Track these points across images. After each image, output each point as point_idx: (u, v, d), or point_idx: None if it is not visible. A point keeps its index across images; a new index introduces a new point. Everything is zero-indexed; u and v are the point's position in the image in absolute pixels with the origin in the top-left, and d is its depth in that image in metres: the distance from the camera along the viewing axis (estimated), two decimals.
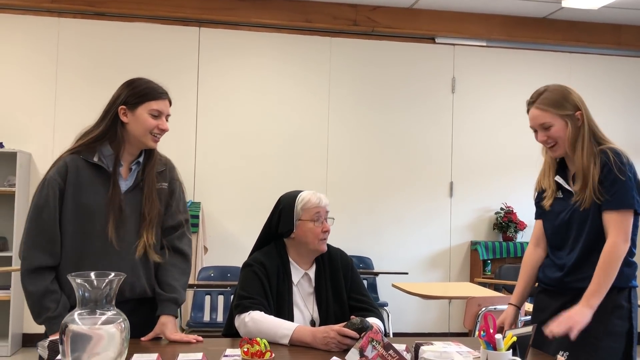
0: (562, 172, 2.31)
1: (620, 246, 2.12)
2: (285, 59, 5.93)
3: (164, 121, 2.16)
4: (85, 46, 5.59)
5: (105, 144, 2.11)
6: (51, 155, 5.43)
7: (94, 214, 2.08)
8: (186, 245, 2.27)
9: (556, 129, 2.20)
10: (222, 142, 5.77)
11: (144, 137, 2.12)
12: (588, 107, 2.24)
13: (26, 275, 2.04)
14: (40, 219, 2.06)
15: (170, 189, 2.26)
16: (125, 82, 2.17)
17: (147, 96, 2.11)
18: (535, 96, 2.25)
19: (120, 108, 2.10)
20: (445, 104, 6.16)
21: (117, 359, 1.53)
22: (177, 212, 2.26)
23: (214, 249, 5.58)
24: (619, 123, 6.25)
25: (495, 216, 6.14)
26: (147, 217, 2.14)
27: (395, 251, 6.00)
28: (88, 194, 2.09)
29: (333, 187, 5.89)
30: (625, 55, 6.43)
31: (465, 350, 2.00)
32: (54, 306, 2.01)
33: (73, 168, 2.08)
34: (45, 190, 2.07)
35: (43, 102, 5.52)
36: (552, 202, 2.31)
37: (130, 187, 2.15)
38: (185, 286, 2.26)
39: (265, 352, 1.52)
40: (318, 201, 2.35)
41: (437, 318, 6.08)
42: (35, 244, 2.05)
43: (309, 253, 2.37)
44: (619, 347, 2.14)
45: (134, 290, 2.15)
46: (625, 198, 2.13)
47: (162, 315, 2.15)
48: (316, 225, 2.33)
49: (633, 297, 2.20)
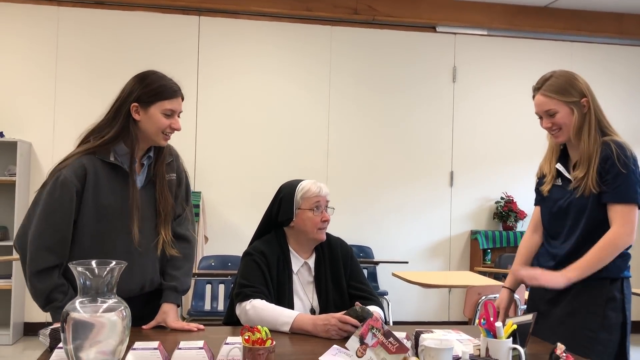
0: (564, 160, 2.30)
1: (624, 237, 2.11)
2: (285, 48, 5.91)
3: (177, 120, 2.10)
4: (85, 35, 5.57)
5: (120, 142, 2.06)
6: (51, 144, 5.44)
7: (114, 214, 2.05)
8: (188, 230, 2.27)
9: (561, 116, 2.18)
10: (222, 132, 5.77)
11: (155, 136, 2.07)
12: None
13: (34, 275, 2.00)
14: (52, 220, 1.99)
15: (178, 178, 2.25)
16: (137, 76, 2.09)
17: (161, 95, 2.05)
18: (541, 82, 2.22)
19: (133, 105, 2.04)
20: (446, 93, 6.15)
21: (118, 347, 1.54)
22: (183, 201, 2.27)
23: (214, 238, 5.60)
24: (620, 112, 6.24)
25: (495, 205, 6.15)
26: (162, 214, 2.14)
27: (396, 240, 6.01)
28: (107, 194, 2.04)
29: (333, 177, 5.89)
30: (627, 44, 6.41)
31: (466, 338, 2.01)
32: (61, 297, 2.00)
33: (92, 170, 2.01)
34: (60, 190, 1.98)
35: (43, 91, 5.51)
36: (550, 188, 2.30)
37: (144, 182, 2.14)
38: (189, 272, 2.26)
39: (266, 340, 1.53)
40: (318, 190, 2.35)
41: (437, 307, 6.11)
42: (46, 245, 1.99)
43: (308, 242, 2.38)
44: (614, 338, 2.14)
45: (153, 284, 2.18)
46: (628, 192, 2.12)
47: (163, 303, 2.17)
48: (315, 214, 2.33)
49: (626, 287, 2.19)
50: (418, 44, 6.11)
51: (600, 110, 2.21)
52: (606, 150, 2.14)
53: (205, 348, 1.73)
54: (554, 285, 2.09)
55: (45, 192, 2.01)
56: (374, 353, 1.66)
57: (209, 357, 1.71)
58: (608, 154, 2.13)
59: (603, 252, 2.10)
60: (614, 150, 2.12)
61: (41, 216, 1.99)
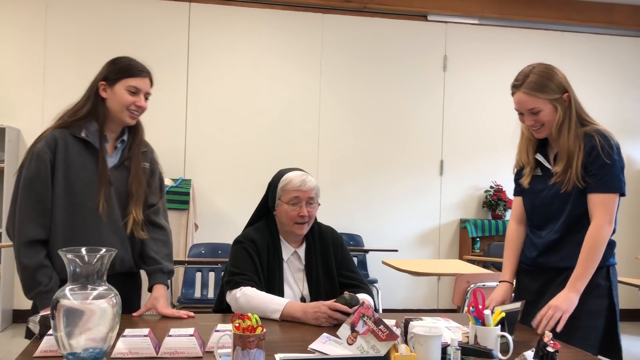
0: (543, 149, 2.29)
1: (605, 228, 2.11)
2: (276, 35, 5.88)
3: (141, 98, 2.16)
4: (74, 21, 5.51)
5: (91, 120, 2.14)
6: (40, 130, 5.33)
7: (84, 188, 2.11)
8: (163, 219, 2.33)
9: (545, 114, 2.16)
10: (212, 119, 5.75)
11: (120, 113, 2.15)
12: (575, 86, 2.21)
13: (21, 248, 2.05)
14: (32, 191, 2.07)
15: (152, 168, 2.31)
16: (110, 60, 2.20)
17: (126, 72, 2.14)
18: (521, 79, 2.18)
19: (101, 84, 2.14)
20: (437, 82, 6.15)
21: (108, 334, 1.54)
22: (156, 191, 2.32)
23: (204, 226, 5.59)
24: (609, 102, 6.29)
25: (484, 194, 6.18)
26: (135, 194, 2.19)
27: (386, 229, 6.03)
28: (77, 168, 2.11)
29: (324, 164, 5.90)
30: (617, 34, 6.43)
31: (454, 325, 2.03)
32: (46, 280, 2.03)
33: (62, 142, 2.10)
34: (35, 162, 2.07)
35: (32, 77, 5.46)
36: (530, 179, 2.31)
37: (116, 164, 2.19)
38: (170, 257, 2.30)
39: (257, 327, 1.53)
40: (299, 184, 2.29)
41: (426, 294, 6.14)
42: (29, 216, 2.06)
43: (290, 233, 2.36)
44: (599, 325, 2.15)
45: (124, 264, 2.21)
46: (612, 181, 2.12)
47: (154, 288, 2.21)
48: (292, 209, 2.29)
49: (612, 274, 2.20)
50: (409, 32, 6.10)
51: (578, 102, 2.20)
52: (591, 141, 2.13)
53: (195, 335, 1.73)
54: (574, 306, 2.06)
55: (24, 169, 2.10)
56: (364, 340, 1.67)
57: (199, 344, 1.71)
58: (593, 145, 2.12)
59: (592, 250, 2.10)
60: (598, 141, 2.12)
61: (22, 190, 2.08)
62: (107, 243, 2.10)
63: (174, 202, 5.13)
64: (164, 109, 5.59)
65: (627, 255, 6.06)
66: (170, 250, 2.32)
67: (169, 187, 5.18)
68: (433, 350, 1.56)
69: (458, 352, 1.55)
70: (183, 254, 5.08)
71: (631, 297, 5.58)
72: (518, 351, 1.75)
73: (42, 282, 2.03)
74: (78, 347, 1.50)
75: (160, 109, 5.56)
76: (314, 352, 1.73)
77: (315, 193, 2.34)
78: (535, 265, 2.27)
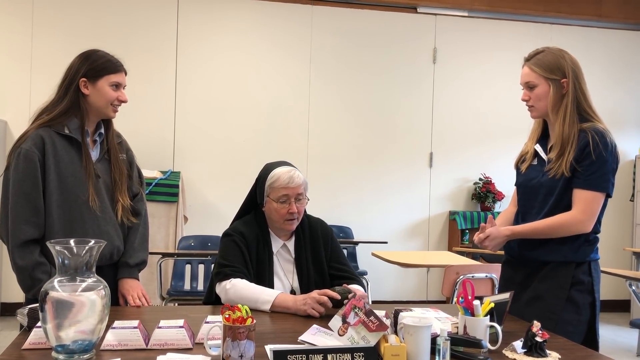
0: (543, 141, 2.32)
1: (578, 224, 2.12)
2: (266, 26, 5.85)
3: (123, 93, 2.25)
4: (62, 12, 5.46)
5: (71, 117, 2.19)
6: (27, 123, 5.29)
7: (76, 183, 2.15)
8: (142, 209, 2.38)
9: (538, 91, 2.21)
10: (201, 111, 5.72)
11: (105, 108, 2.21)
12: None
13: (15, 250, 2.08)
14: (23, 191, 2.09)
15: (129, 159, 2.37)
16: (81, 54, 2.24)
17: (107, 69, 2.20)
18: (532, 54, 2.26)
19: (82, 80, 2.18)
20: (427, 74, 6.15)
21: (98, 326, 1.53)
22: (137, 181, 2.40)
23: (194, 218, 5.57)
24: (597, 94, 6.26)
25: (473, 186, 6.20)
26: (119, 181, 2.26)
27: (375, 221, 6.04)
28: (67, 164, 2.15)
29: (314, 157, 5.89)
30: (606, 27, 6.46)
31: (444, 316, 2.04)
32: (46, 277, 2.04)
33: (49, 140, 2.13)
34: (23, 162, 2.10)
35: (18, 69, 5.40)
36: (526, 167, 2.33)
37: (99, 157, 2.25)
38: (142, 245, 2.34)
39: (247, 319, 1.53)
40: (287, 181, 2.27)
41: (415, 286, 6.17)
42: (21, 217, 2.09)
43: (279, 229, 2.35)
44: (583, 319, 2.17)
45: (120, 253, 2.28)
46: (600, 181, 2.13)
47: (119, 281, 2.29)
48: (281, 206, 2.28)
49: (594, 270, 2.20)
50: (399, 24, 6.09)
51: (583, 94, 2.21)
52: (585, 138, 2.14)
53: (185, 327, 1.73)
54: (497, 241, 2.19)
55: (11, 170, 2.12)
56: (354, 331, 1.68)
57: (189, 335, 1.71)
58: (586, 142, 2.13)
59: (554, 228, 2.14)
60: (591, 138, 2.13)
61: (13, 191, 2.10)
62: (105, 235, 2.15)
63: (163, 195, 5.11)
64: (152, 99, 5.56)
65: (615, 246, 6.12)
66: (143, 237, 2.36)
67: (158, 179, 5.15)
68: (423, 340, 1.57)
69: (447, 342, 1.56)
70: (172, 246, 5.07)
71: (617, 288, 5.64)
72: (507, 341, 1.76)
73: (42, 280, 2.03)
74: (67, 339, 1.50)
75: (149, 100, 5.52)
76: (303, 343, 1.74)
77: (304, 188, 2.32)
78: (519, 257, 2.29)
